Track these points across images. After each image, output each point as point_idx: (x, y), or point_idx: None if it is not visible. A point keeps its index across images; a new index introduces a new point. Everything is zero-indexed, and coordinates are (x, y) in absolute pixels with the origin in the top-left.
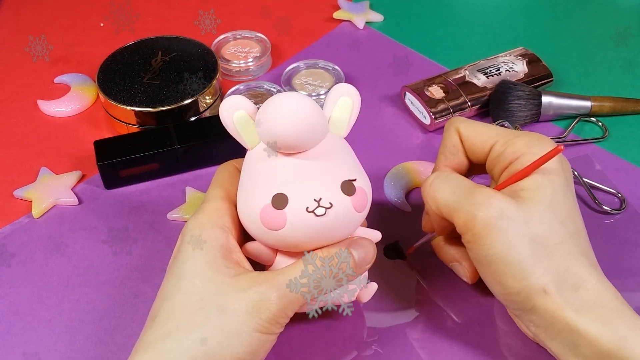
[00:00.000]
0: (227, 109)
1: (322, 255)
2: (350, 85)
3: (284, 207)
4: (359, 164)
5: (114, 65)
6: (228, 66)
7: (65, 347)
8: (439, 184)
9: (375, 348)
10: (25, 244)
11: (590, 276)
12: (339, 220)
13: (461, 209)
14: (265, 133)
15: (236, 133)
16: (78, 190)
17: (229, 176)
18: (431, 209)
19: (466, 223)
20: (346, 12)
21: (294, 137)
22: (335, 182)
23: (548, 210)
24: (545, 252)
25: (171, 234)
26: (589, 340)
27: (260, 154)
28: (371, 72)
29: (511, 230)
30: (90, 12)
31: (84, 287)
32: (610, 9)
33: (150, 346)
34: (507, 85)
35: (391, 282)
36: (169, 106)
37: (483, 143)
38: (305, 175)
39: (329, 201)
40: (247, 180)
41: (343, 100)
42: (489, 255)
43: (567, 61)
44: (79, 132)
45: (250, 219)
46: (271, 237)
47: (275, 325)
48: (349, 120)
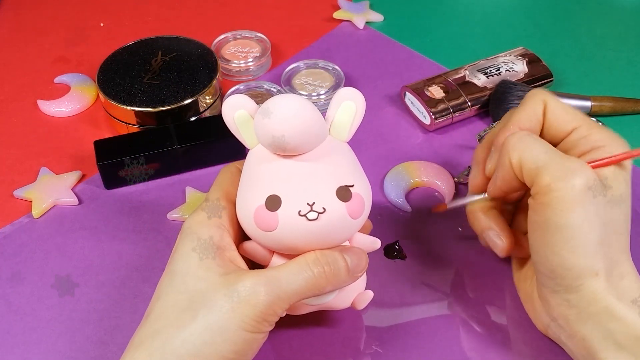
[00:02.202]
0: (228, 108)
1: (316, 257)
2: (355, 90)
3: (277, 209)
4: (360, 170)
5: (114, 65)
6: (228, 66)
7: (65, 347)
8: (531, 141)
9: (375, 348)
10: (25, 244)
11: (632, 271)
12: (332, 226)
13: (551, 168)
14: (261, 136)
15: (237, 132)
16: (78, 190)
17: (230, 177)
18: (507, 165)
19: (551, 184)
20: (346, 12)
21: (290, 140)
22: (330, 186)
23: (624, 203)
24: (609, 239)
25: (171, 234)
26: (626, 326)
27: (259, 154)
28: (371, 72)
29: (593, 206)
30: (90, 12)
31: (84, 287)
32: (610, 9)
33: (141, 344)
34: (507, 85)
35: (391, 282)
36: (169, 106)
37: (567, 123)
38: (300, 178)
39: (322, 206)
40: (246, 180)
41: (346, 104)
42: (562, 223)
43: (567, 61)
44: (79, 132)
45: (245, 218)
46: (265, 238)
47: (262, 323)
48: (351, 125)
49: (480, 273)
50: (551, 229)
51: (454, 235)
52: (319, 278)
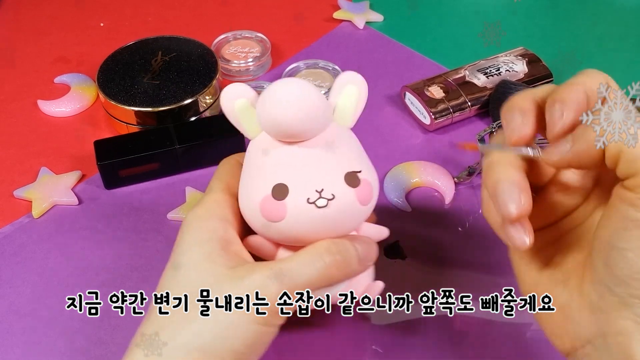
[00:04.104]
0: (227, 97)
1: (328, 246)
2: (356, 73)
3: (284, 198)
4: (365, 156)
5: (114, 65)
6: (228, 66)
7: (65, 347)
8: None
9: (375, 348)
10: (25, 244)
11: None
12: (341, 213)
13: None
14: (265, 121)
15: (237, 122)
16: (78, 190)
17: (231, 169)
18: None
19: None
20: (346, 12)
21: (294, 124)
22: (338, 173)
23: None
24: None
25: (171, 234)
26: None
27: (262, 143)
28: (371, 72)
29: None
30: (90, 12)
31: (84, 287)
32: (610, 9)
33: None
34: (507, 85)
35: (391, 282)
36: (169, 106)
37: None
38: (307, 165)
39: (332, 192)
40: (249, 171)
41: (349, 88)
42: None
43: (567, 61)
44: (79, 132)
45: (250, 210)
46: (272, 230)
47: (274, 316)
48: (355, 109)
49: (481, 273)
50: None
51: (454, 235)
52: (331, 267)
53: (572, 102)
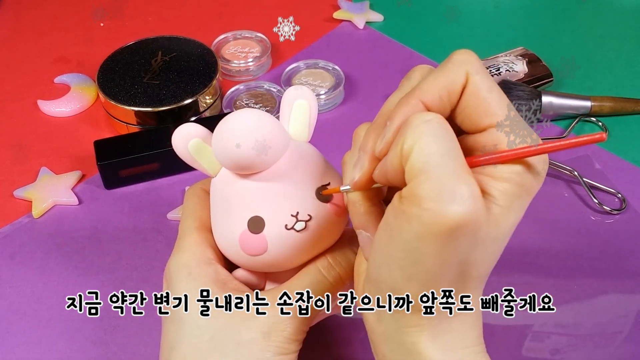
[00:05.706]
0: (180, 139)
1: (328, 263)
2: (301, 86)
3: (262, 230)
4: (329, 166)
5: (114, 65)
6: (228, 66)
7: (65, 347)
8: (432, 132)
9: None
10: (25, 244)
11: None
12: (322, 230)
13: (433, 181)
14: (222, 158)
15: (194, 162)
16: (78, 190)
17: (199, 202)
18: (395, 154)
19: (422, 200)
20: (346, 12)
21: (250, 157)
22: (309, 191)
23: (502, 242)
24: (462, 277)
25: (171, 234)
26: None
27: (225, 178)
28: (371, 72)
29: (454, 247)
30: (90, 12)
31: (84, 287)
32: (610, 9)
33: None
34: (507, 85)
35: None
36: (169, 106)
37: (483, 115)
38: (276, 191)
39: (307, 213)
40: (219, 207)
41: (298, 103)
42: (412, 247)
43: (567, 61)
44: (79, 132)
45: (230, 248)
46: (256, 263)
47: (293, 343)
48: (309, 122)
49: None
50: (399, 244)
51: None
52: (337, 281)
53: (395, 120)
